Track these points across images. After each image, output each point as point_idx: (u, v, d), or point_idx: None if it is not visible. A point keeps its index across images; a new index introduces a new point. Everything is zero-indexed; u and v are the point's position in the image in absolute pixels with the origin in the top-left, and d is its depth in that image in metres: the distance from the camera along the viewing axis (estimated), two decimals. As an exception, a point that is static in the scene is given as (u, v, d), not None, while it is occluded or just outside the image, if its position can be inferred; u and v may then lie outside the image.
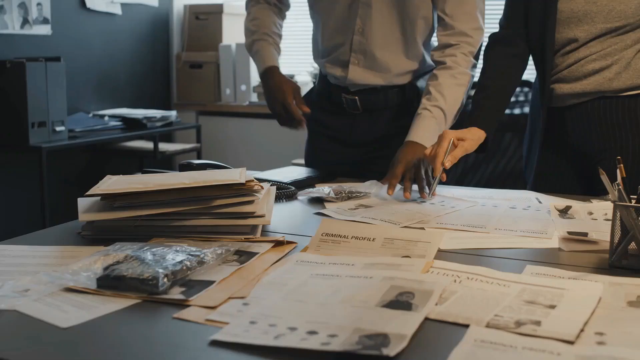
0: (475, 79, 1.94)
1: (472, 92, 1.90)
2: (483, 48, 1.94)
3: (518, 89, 3.29)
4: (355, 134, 2.08)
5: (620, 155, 1.28)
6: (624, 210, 1.19)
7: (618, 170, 1.24)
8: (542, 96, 1.86)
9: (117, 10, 4.32)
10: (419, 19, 1.96)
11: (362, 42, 1.96)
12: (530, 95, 2.86)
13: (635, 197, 1.21)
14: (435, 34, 2.00)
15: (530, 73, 1.97)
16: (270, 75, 2.10)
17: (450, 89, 1.87)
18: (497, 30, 1.93)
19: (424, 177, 1.73)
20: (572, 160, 1.89)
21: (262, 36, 2.15)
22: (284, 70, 4.49)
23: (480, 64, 1.94)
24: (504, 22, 1.90)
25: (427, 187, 1.70)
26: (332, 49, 2.01)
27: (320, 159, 2.15)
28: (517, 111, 3.25)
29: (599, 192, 1.75)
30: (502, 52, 1.87)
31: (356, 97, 2.03)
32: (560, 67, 1.82)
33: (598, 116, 1.79)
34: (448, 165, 1.67)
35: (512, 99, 3.23)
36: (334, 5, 1.96)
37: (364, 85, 2.02)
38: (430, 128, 1.84)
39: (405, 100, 2.04)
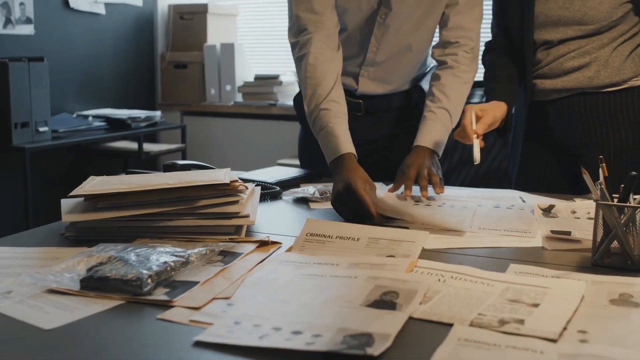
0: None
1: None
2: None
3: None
4: (358, 134, 2.05)
5: (601, 150, 1.29)
6: (606, 209, 1.20)
7: (600, 170, 1.25)
8: (524, 90, 1.90)
9: (101, 10, 4.30)
10: (432, 32, 1.96)
11: (374, 59, 1.94)
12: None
13: (618, 195, 1.22)
14: None
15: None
16: (349, 165, 1.68)
17: (454, 88, 1.87)
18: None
19: (426, 177, 1.71)
20: (556, 154, 1.93)
21: (330, 105, 1.76)
22: (269, 69, 4.50)
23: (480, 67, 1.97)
24: (493, 22, 1.97)
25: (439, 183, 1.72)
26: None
27: (318, 158, 2.12)
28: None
29: (583, 189, 1.77)
30: (501, 52, 1.94)
31: (360, 101, 2.02)
32: (541, 63, 1.86)
33: (579, 111, 1.83)
34: (480, 131, 1.70)
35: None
36: (350, 21, 1.89)
37: (372, 93, 2.01)
38: (436, 130, 1.82)
39: (409, 102, 2.04)
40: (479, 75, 1.96)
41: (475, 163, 1.67)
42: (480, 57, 1.98)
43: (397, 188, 1.74)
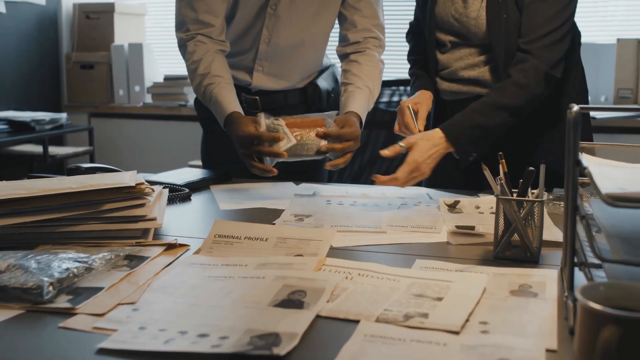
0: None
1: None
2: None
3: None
4: None
5: (491, 153, 1.33)
6: (506, 204, 1.23)
7: (500, 165, 1.29)
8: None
9: (1, 8, 4.14)
10: (327, 30, 2.00)
11: (267, 51, 1.96)
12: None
13: (517, 190, 1.26)
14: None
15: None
16: (237, 122, 1.76)
17: (373, 73, 1.92)
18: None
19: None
20: None
21: (213, 79, 1.84)
22: (179, 70, 4.44)
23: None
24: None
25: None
26: (235, 53, 1.98)
27: (220, 159, 2.12)
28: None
29: (486, 186, 1.82)
30: (419, 38, 2.00)
31: (257, 97, 2.03)
32: (440, 64, 1.91)
33: None
34: (422, 128, 1.79)
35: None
36: (241, 11, 1.92)
37: (267, 89, 2.02)
38: (364, 102, 1.87)
39: (305, 99, 2.07)
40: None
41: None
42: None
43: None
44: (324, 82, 2.09)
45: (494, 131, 1.72)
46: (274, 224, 1.49)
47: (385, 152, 1.67)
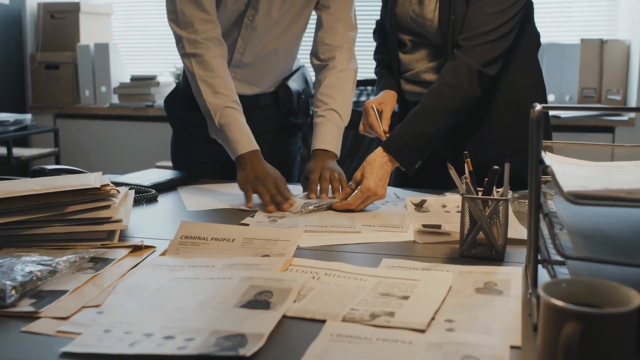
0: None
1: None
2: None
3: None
4: None
5: (456, 153, 1.33)
6: (471, 202, 1.25)
7: (465, 165, 1.30)
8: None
9: (-37, 8, 4.07)
10: (299, 37, 2.00)
11: (241, 60, 1.96)
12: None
13: (482, 189, 1.27)
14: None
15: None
16: (257, 160, 1.76)
17: (337, 89, 1.91)
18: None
19: (337, 179, 1.75)
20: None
21: (232, 104, 1.81)
22: (145, 70, 4.40)
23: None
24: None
25: (340, 188, 1.73)
26: None
27: (192, 159, 2.11)
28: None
29: (452, 185, 1.83)
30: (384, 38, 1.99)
31: None
32: (402, 65, 1.91)
33: None
34: (387, 128, 1.81)
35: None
36: (219, 20, 1.88)
37: (239, 94, 2.02)
38: (330, 132, 1.87)
39: (276, 101, 2.07)
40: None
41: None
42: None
43: (308, 195, 1.75)
44: (294, 84, 2.10)
45: (435, 136, 1.73)
46: (248, 224, 1.49)
47: (339, 205, 1.65)
